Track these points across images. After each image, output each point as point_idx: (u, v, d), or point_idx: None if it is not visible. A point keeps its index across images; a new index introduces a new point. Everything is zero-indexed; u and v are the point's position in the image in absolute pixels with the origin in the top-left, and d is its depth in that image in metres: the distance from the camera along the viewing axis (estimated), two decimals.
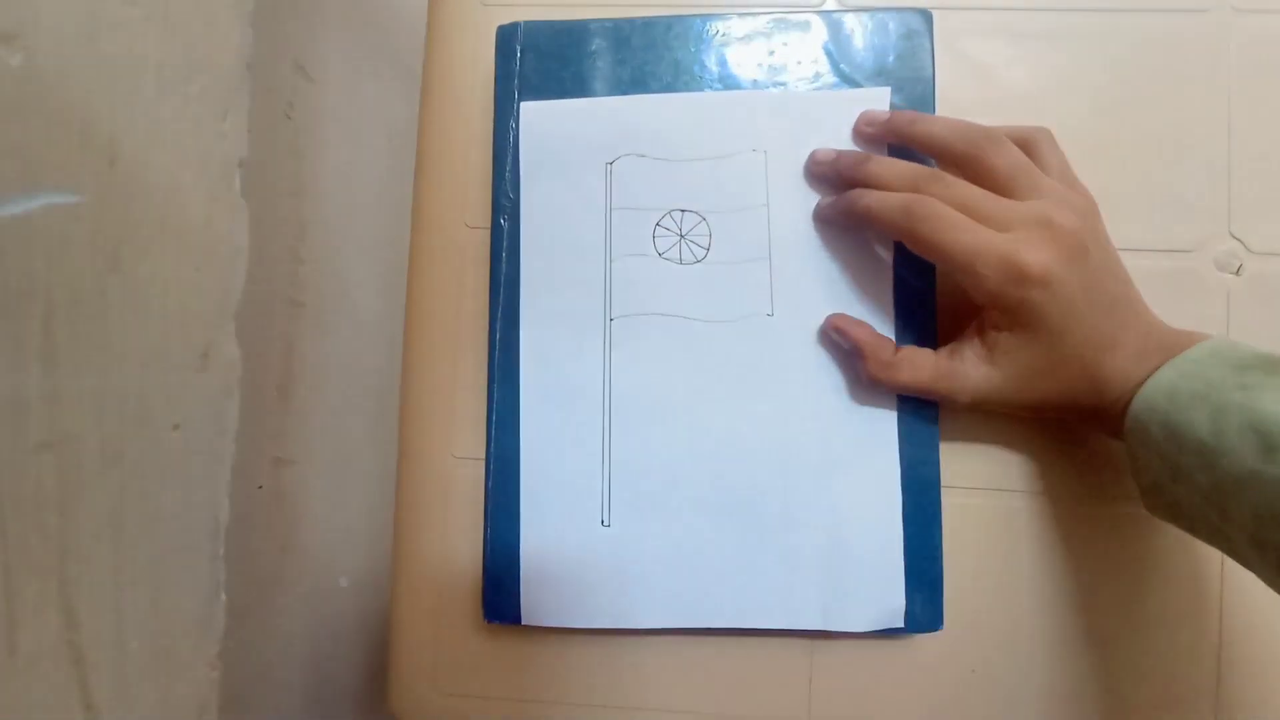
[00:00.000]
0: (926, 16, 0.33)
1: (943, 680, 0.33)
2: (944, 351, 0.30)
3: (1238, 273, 0.33)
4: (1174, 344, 0.28)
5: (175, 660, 0.28)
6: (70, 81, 0.23)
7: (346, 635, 0.51)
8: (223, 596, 0.30)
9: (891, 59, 0.33)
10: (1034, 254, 0.27)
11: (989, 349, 0.29)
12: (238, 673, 0.39)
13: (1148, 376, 0.27)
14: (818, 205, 0.33)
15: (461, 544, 0.34)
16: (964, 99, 0.34)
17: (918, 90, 0.33)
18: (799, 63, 0.34)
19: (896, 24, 0.34)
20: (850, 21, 0.34)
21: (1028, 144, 0.30)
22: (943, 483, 0.32)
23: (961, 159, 0.30)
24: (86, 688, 0.24)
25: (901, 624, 0.32)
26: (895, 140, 0.32)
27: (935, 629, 0.32)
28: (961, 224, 0.28)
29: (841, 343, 0.32)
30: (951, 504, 0.33)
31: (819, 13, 0.34)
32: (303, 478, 0.46)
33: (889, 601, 0.32)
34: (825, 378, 0.32)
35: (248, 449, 0.35)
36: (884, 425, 0.32)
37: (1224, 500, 0.25)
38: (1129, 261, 0.29)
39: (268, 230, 0.42)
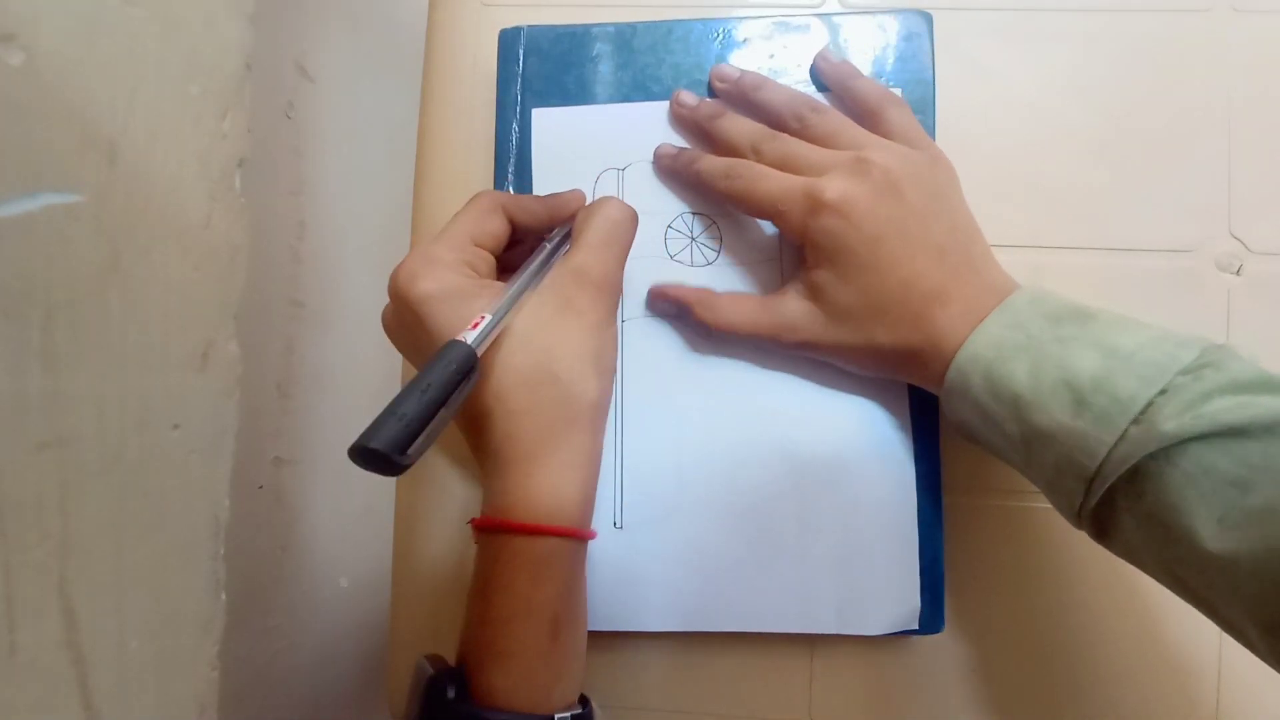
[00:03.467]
0: (927, 18, 0.33)
1: (943, 681, 0.33)
2: (770, 294, 0.31)
3: (1238, 273, 0.33)
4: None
5: (175, 660, 0.28)
6: (70, 81, 0.23)
7: (346, 635, 0.51)
8: (223, 596, 0.30)
9: (892, 61, 0.33)
10: (833, 185, 0.28)
11: (811, 289, 0.29)
12: (238, 673, 0.39)
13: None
14: (657, 150, 0.33)
15: (462, 544, 0.34)
16: (965, 100, 0.34)
17: (918, 92, 0.33)
18: (799, 65, 0.34)
19: (896, 26, 0.33)
20: (850, 24, 0.34)
21: (872, 111, 0.31)
22: (943, 485, 0.32)
23: (788, 128, 0.31)
24: (86, 688, 0.24)
25: (917, 626, 0.31)
26: (739, 101, 0.32)
27: (938, 630, 0.32)
28: (771, 175, 0.29)
29: (668, 309, 0.32)
30: (951, 505, 0.33)
31: (819, 15, 0.34)
32: (303, 478, 0.46)
33: (904, 604, 0.31)
34: (839, 379, 0.32)
35: (248, 449, 0.35)
36: (898, 427, 0.32)
37: (1029, 450, 0.25)
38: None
39: (268, 230, 0.42)
